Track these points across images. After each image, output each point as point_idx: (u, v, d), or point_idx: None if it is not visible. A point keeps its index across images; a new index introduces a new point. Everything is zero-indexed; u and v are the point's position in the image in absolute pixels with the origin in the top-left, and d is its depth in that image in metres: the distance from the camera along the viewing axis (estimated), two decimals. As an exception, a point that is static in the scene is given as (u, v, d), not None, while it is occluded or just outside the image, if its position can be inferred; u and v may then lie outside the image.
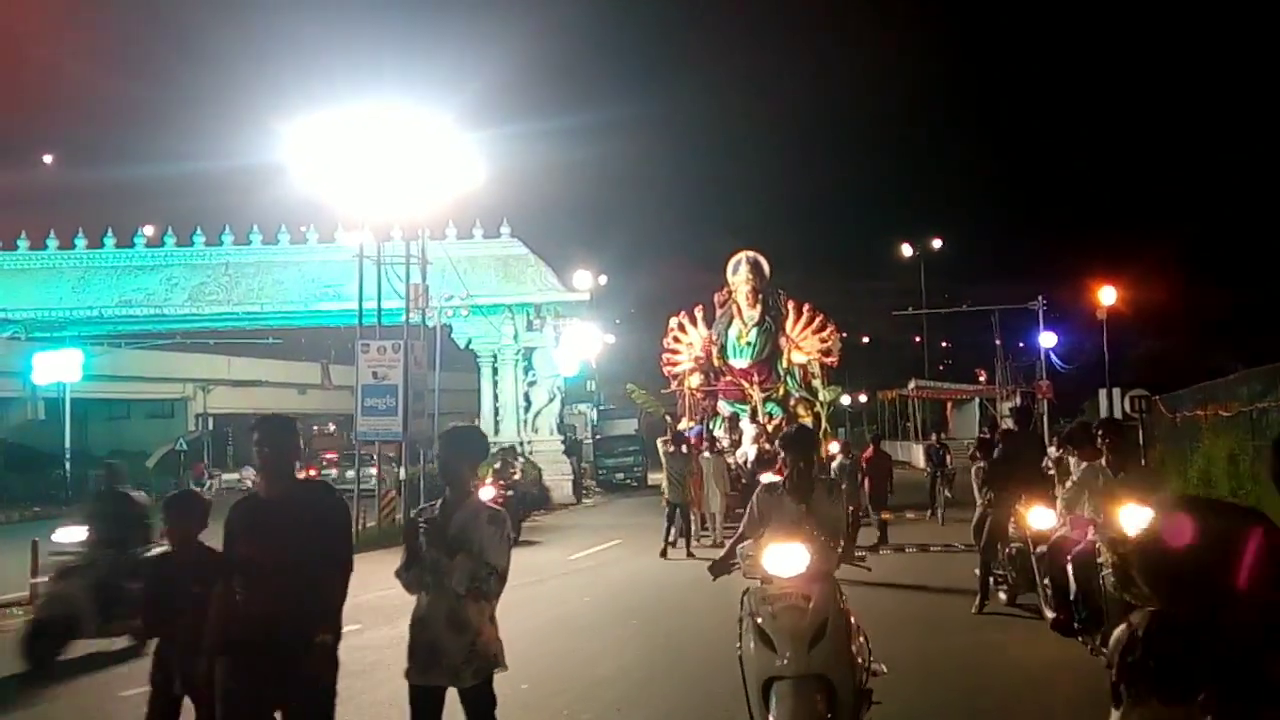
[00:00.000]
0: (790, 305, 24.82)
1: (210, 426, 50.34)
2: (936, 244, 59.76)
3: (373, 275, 21.67)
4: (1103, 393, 28.86)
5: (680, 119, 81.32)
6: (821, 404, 23.91)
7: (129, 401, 48.34)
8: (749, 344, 24.09)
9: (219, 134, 62.59)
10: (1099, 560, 7.06)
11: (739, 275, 24.46)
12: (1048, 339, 39.24)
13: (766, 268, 24.78)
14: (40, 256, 30.93)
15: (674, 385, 24.93)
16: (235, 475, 46.50)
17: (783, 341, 24.18)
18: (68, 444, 34.34)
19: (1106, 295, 29.85)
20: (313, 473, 50.31)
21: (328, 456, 45.07)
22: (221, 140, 53.34)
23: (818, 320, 24.57)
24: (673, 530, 15.96)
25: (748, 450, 21.16)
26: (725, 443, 22.59)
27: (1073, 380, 37.98)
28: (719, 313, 24.81)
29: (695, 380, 24.07)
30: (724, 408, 23.83)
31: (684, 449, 17.24)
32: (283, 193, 25.88)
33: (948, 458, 20.09)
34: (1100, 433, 7.88)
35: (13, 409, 40.61)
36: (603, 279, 46.85)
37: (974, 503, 12.34)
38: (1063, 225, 62.91)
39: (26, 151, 47.94)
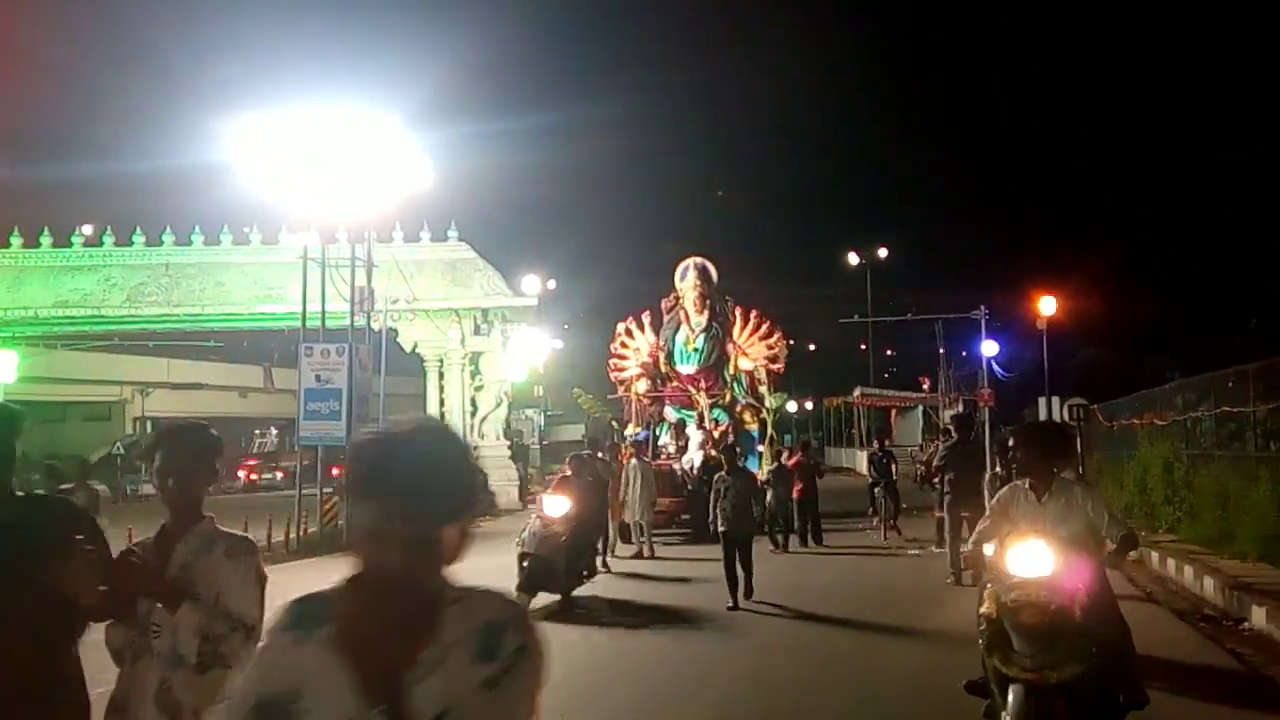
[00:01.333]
0: (738, 312, 24.81)
1: (149, 430, 49.37)
2: (882, 253, 60.67)
3: (316, 278, 21.42)
4: (1042, 401, 29.34)
5: (628, 123, 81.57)
6: (768, 410, 23.91)
7: (65, 404, 47.32)
8: (696, 350, 24.03)
9: (162, 132, 61.57)
10: (979, 612, 5.13)
11: (687, 281, 24.40)
12: (989, 348, 39.64)
13: (714, 274, 24.76)
14: (-28, 255, 30.14)
15: (621, 391, 24.83)
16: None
17: (730, 348, 24.18)
18: (0, 447, 33.44)
19: (1046, 305, 30.43)
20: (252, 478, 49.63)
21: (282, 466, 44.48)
22: (164, 139, 52.45)
23: (765, 327, 24.60)
24: None
25: (694, 457, 20.98)
26: (672, 449, 22.81)
27: (1013, 389, 38.63)
28: (666, 319, 24.75)
29: (642, 386, 23.96)
30: (670, 414, 23.76)
31: (597, 455, 16.20)
32: (227, 194, 25.48)
33: (893, 466, 19.01)
34: (1012, 444, 5.87)
35: (-58, 411, 39.51)
36: (551, 284, 46.73)
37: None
38: (1006, 235, 63.94)
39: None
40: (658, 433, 23.48)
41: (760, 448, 22.88)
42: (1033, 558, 4.84)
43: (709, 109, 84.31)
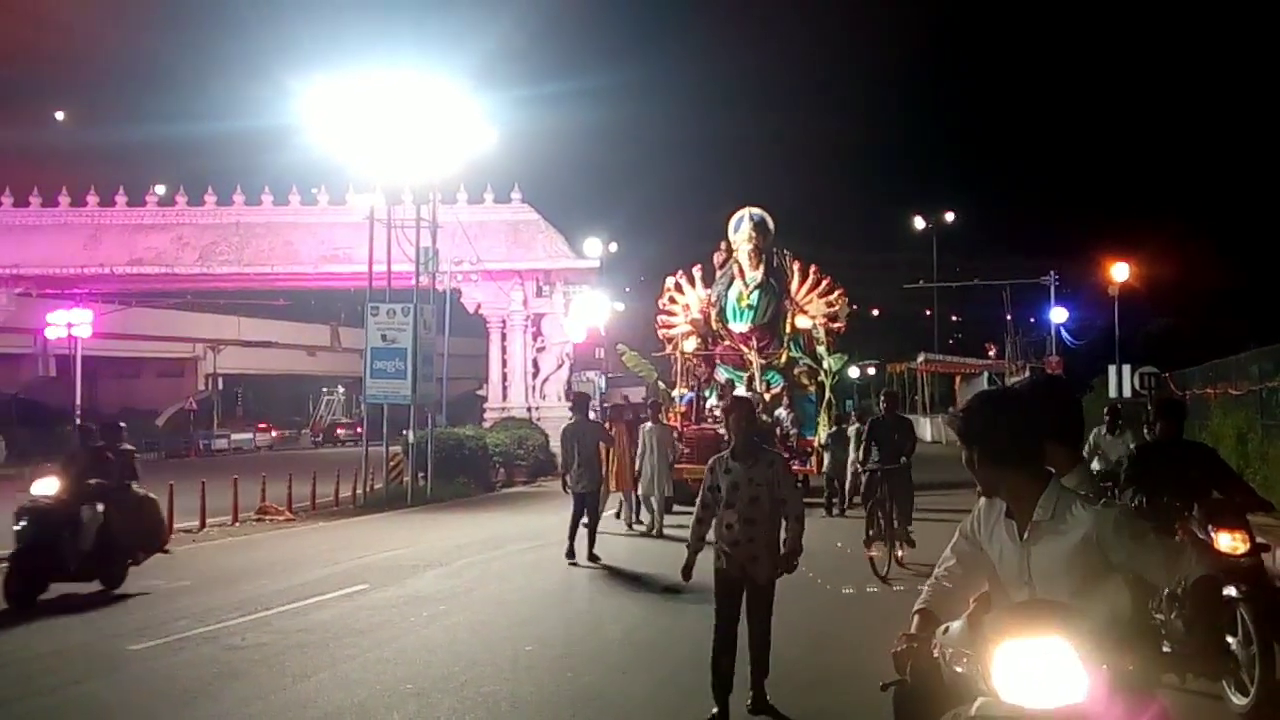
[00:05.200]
0: (795, 266, 22.95)
1: (220, 386, 50.60)
2: (949, 217, 59.60)
3: (383, 238, 21.70)
4: (1112, 369, 28.74)
5: (694, 82, 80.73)
6: (826, 373, 22.04)
7: (139, 360, 48.62)
8: (750, 306, 22.09)
9: (233, 93, 62.36)
10: None
11: (741, 233, 22.39)
12: (1058, 314, 39.11)
13: (771, 225, 22.65)
14: (52, 213, 30.95)
15: (668, 349, 23.14)
16: (246, 435, 46.89)
17: (786, 305, 22.35)
18: (78, 401, 34.52)
19: (1119, 271, 29.66)
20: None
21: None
22: (236, 100, 53.32)
23: (824, 283, 22.71)
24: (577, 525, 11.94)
25: None
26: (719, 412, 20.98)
27: (1083, 356, 37.88)
28: (719, 273, 22.91)
29: (690, 344, 22.39)
30: (721, 374, 21.94)
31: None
32: (296, 154, 25.84)
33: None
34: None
35: (24, 366, 40.88)
36: (613, 246, 46.81)
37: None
38: (1076, 201, 62.51)
39: (39, 108, 47.87)
40: (706, 394, 21.71)
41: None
42: (1042, 665, 2.51)
43: (777, 70, 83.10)
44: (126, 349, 44.43)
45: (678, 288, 23.26)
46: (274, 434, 49.28)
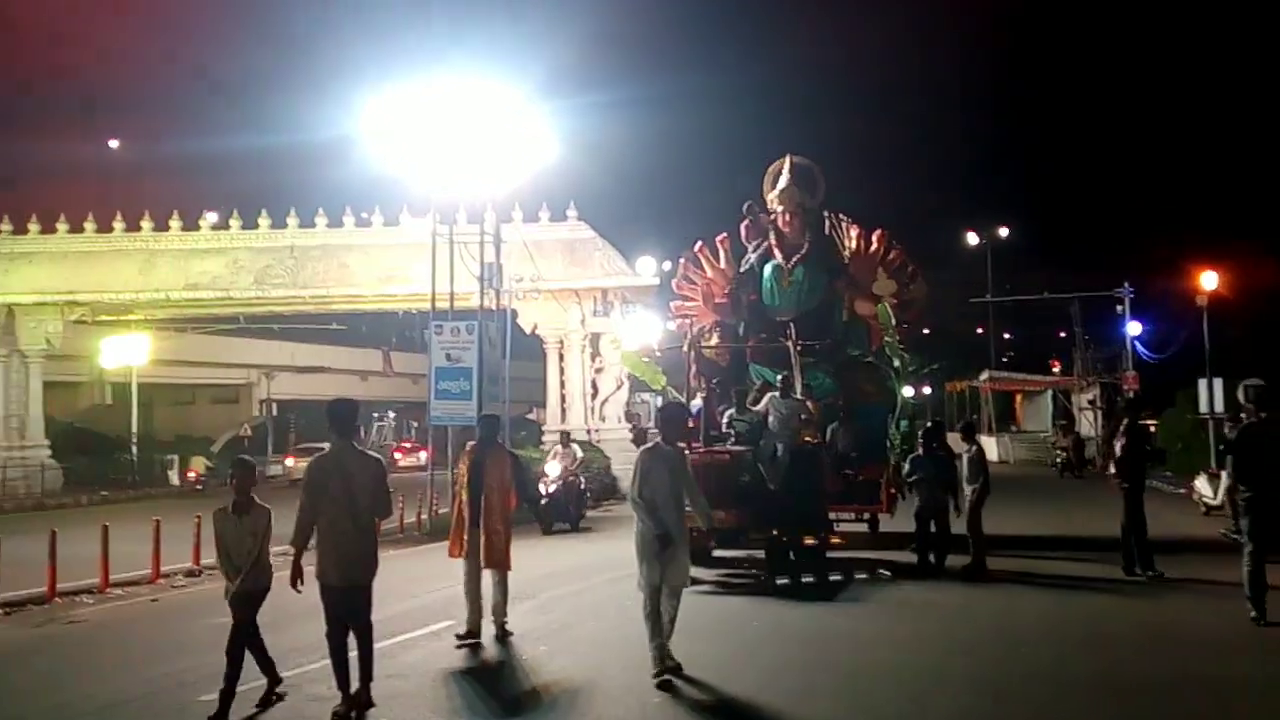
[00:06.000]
0: (854, 233, 16.63)
1: (274, 412, 50.38)
2: (1003, 232, 58.29)
3: (442, 257, 21.09)
4: (1202, 383, 27.42)
5: (749, 93, 79.82)
6: (896, 374, 15.92)
7: (194, 386, 48.56)
8: (793, 283, 16.08)
9: (290, 110, 62.63)
10: None
11: (780, 189, 16.50)
12: (1134, 328, 37.70)
13: (821, 181, 16.94)
14: (107, 239, 30.73)
15: (684, 346, 16.78)
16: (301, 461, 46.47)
17: (841, 285, 16.33)
18: (134, 428, 34.25)
19: (1208, 280, 28.26)
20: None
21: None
22: (292, 116, 53.35)
23: (894, 256, 16.37)
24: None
25: (776, 439, 13.14)
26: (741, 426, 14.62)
27: (1161, 371, 36.44)
28: (750, 246, 16.83)
29: (712, 337, 16.87)
30: (755, 375, 15.91)
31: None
32: (350, 171, 25.44)
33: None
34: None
35: (80, 394, 40.84)
36: (666, 265, 46.01)
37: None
38: (1143, 210, 60.77)
39: (94, 131, 48.23)
40: (724, 406, 15.44)
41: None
42: None
43: (833, 82, 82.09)
44: (182, 376, 44.33)
45: (696, 263, 17.24)
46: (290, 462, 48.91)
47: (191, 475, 35.53)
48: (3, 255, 30.42)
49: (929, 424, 14.55)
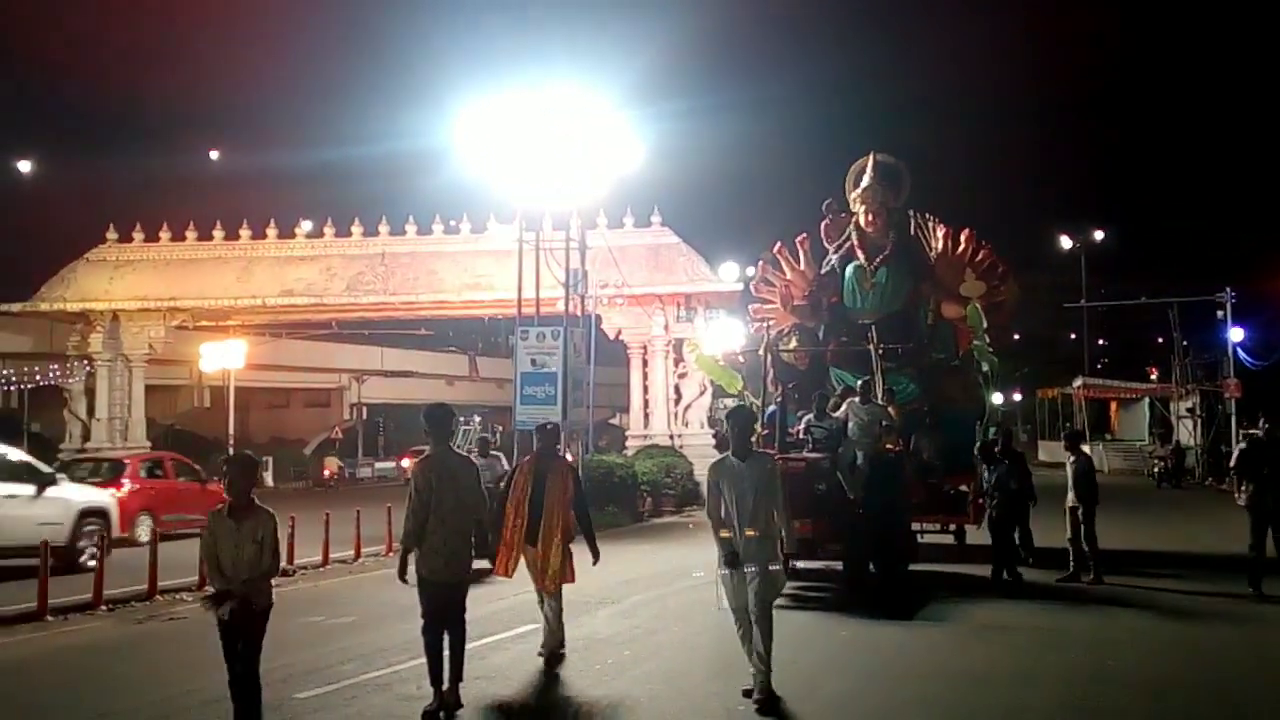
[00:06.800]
0: (940, 233, 16.16)
1: (364, 415, 51.48)
2: (1098, 236, 56.78)
3: (530, 262, 21.32)
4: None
5: (835, 95, 79.01)
6: (985, 379, 15.71)
7: (288, 390, 49.85)
8: (875, 285, 15.62)
9: (380, 119, 63.74)
10: None
11: (864, 188, 16.05)
12: (1236, 334, 36.34)
13: (907, 179, 16.52)
14: (207, 247, 31.73)
15: (760, 348, 16.10)
16: (389, 464, 47.46)
17: (926, 287, 15.83)
18: (231, 431, 35.30)
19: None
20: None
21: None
22: (386, 125, 54.38)
23: (982, 254, 15.85)
24: None
25: (855, 447, 12.66)
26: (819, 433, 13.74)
27: (1266, 378, 35.10)
28: (832, 248, 16.43)
29: (791, 339, 16.37)
30: (835, 379, 15.51)
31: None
32: (440, 180, 25.89)
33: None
34: None
35: (180, 396, 42.26)
36: (750, 270, 45.81)
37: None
38: (1244, 214, 58.58)
39: (195, 143, 49.90)
40: (802, 412, 14.67)
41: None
42: None
43: (920, 81, 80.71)
44: (276, 379, 45.54)
45: (776, 265, 16.83)
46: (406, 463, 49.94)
47: (327, 473, 40.87)
48: (109, 263, 31.60)
49: (991, 434, 14.03)
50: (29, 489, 13.90)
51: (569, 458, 13.60)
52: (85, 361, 31.48)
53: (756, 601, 6.71)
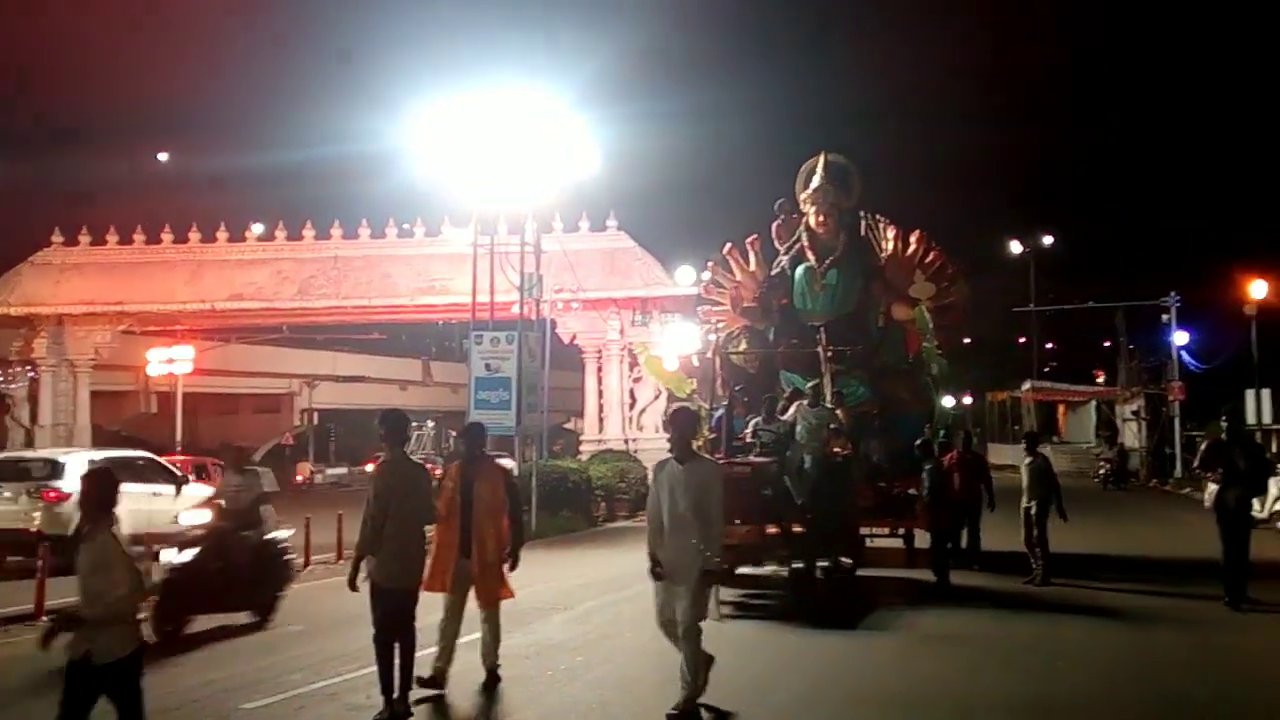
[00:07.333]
0: (891, 234, 15.94)
1: (315, 421, 50.93)
2: (1047, 241, 57.63)
3: (485, 266, 21.23)
4: (1249, 394, 26.99)
5: (791, 103, 79.28)
6: (932, 380, 15.89)
7: (237, 396, 49.17)
8: (825, 288, 15.44)
9: (331, 121, 63.25)
10: None
11: (814, 188, 15.78)
12: (1180, 337, 37.09)
13: (856, 180, 16.21)
14: (156, 250, 31.25)
15: (708, 350, 16.33)
16: (341, 469, 46.99)
17: (877, 288, 15.62)
18: (179, 437, 34.74)
19: (1257, 289, 27.81)
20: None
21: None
22: (333, 127, 53.86)
23: (933, 257, 15.76)
24: None
25: (803, 450, 12.27)
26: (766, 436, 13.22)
27: (1208, 382, 35.80)
28: (782, 249, 16.18)
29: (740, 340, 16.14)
30: (786, 382, 15.12)
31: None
32: (394, 183, 25.68)
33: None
34: None
35: (126, 402, 41.51)
36: (705, 275, 45.92)
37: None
38: (1189, 220, 59.82)
39: (143, 143, 49.09)
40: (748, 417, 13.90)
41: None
42: None
43: (873, 90, 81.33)
44: (225, 385, 44.91)
45: (725, 267, 16.54)
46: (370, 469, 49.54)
47: (300, 479, 41.78)
48: (54, 267, 31.01)
49: (925, 439, 13.70)
50: (170, 488, 15.90)
51: (508, 462, 13.29)
52: (29, 367, 30.86)
53: (682, 621, 6.50)
